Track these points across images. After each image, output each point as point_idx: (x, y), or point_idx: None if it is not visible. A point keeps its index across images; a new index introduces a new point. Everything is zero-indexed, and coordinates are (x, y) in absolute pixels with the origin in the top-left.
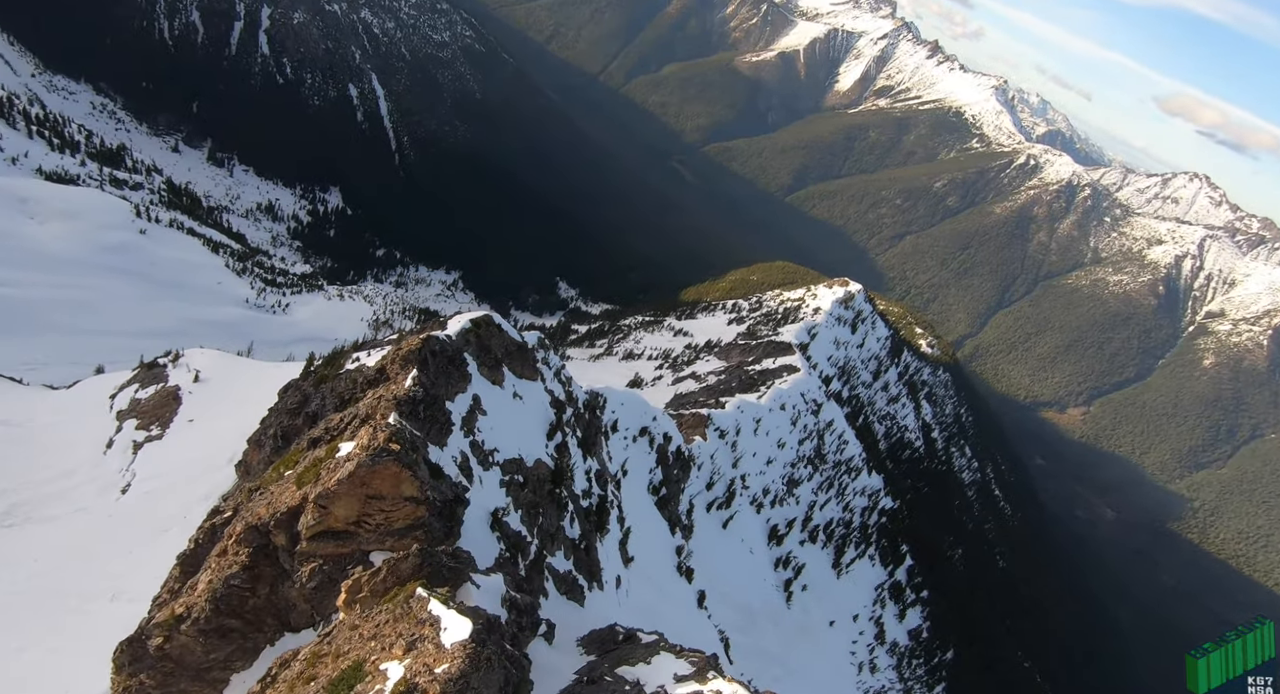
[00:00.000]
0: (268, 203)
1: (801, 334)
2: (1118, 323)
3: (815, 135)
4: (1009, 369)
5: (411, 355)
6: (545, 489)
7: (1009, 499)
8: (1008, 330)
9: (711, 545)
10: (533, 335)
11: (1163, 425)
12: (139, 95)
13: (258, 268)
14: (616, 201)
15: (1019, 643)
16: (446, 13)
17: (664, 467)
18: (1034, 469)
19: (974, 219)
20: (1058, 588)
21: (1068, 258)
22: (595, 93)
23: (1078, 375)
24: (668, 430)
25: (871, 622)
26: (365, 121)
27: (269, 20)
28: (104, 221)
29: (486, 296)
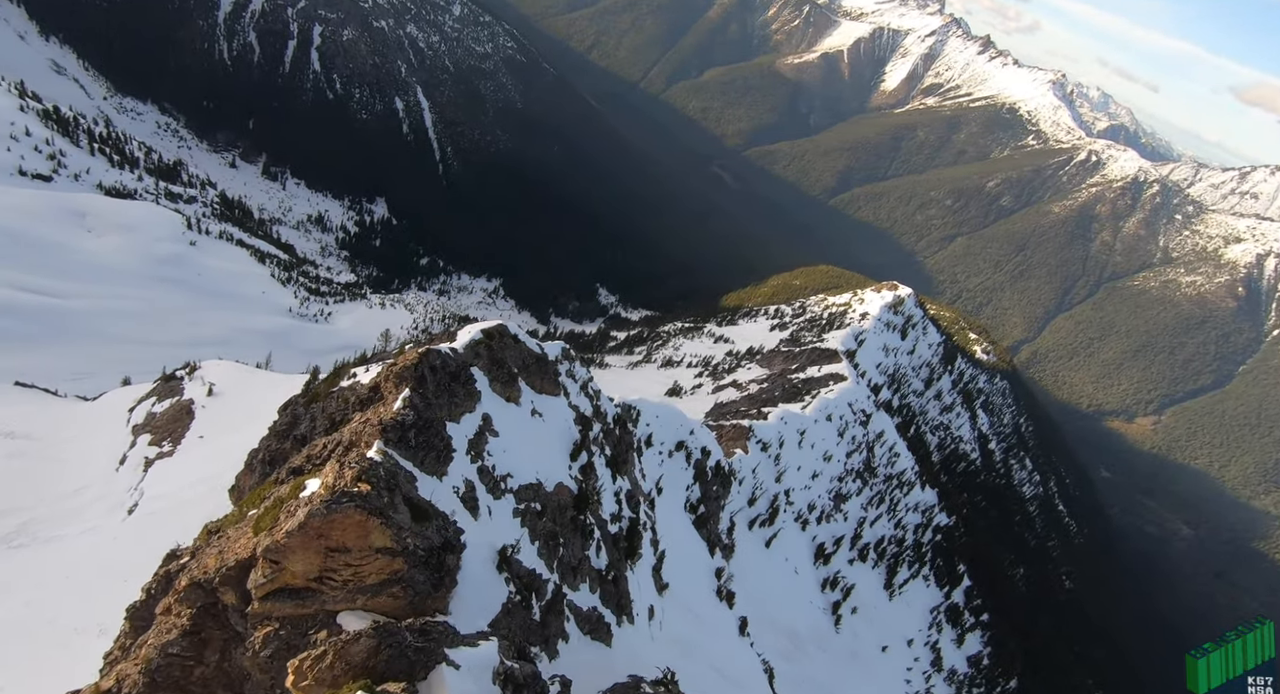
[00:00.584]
0: (317, 214)
1: (848, 340)
2: (1192, 326)
3: (860, 136)
4: (1070, 376)
5: (406, 372)
6: (567, 516)
7: (1074, 514)
8: (1068, 335)
9: (754, 566)
10: (555, 346)
11: (1244, 436)
12: (200, 114)
13: (302, 277)
14: (657, 207)
15: (1089, 671)
16: (489, 25)
17: (702, 483)
18: (1099, 482)
19: (1030, 219)
20: (1129, 611)
21: (1134, 258)
22: (636, 100)
23: (1147, 382)
24: (706, 444)
25: (927, 647)
26: (410, 133)
27: (320, 38)
28: (157, 234)
29: (527, 304)
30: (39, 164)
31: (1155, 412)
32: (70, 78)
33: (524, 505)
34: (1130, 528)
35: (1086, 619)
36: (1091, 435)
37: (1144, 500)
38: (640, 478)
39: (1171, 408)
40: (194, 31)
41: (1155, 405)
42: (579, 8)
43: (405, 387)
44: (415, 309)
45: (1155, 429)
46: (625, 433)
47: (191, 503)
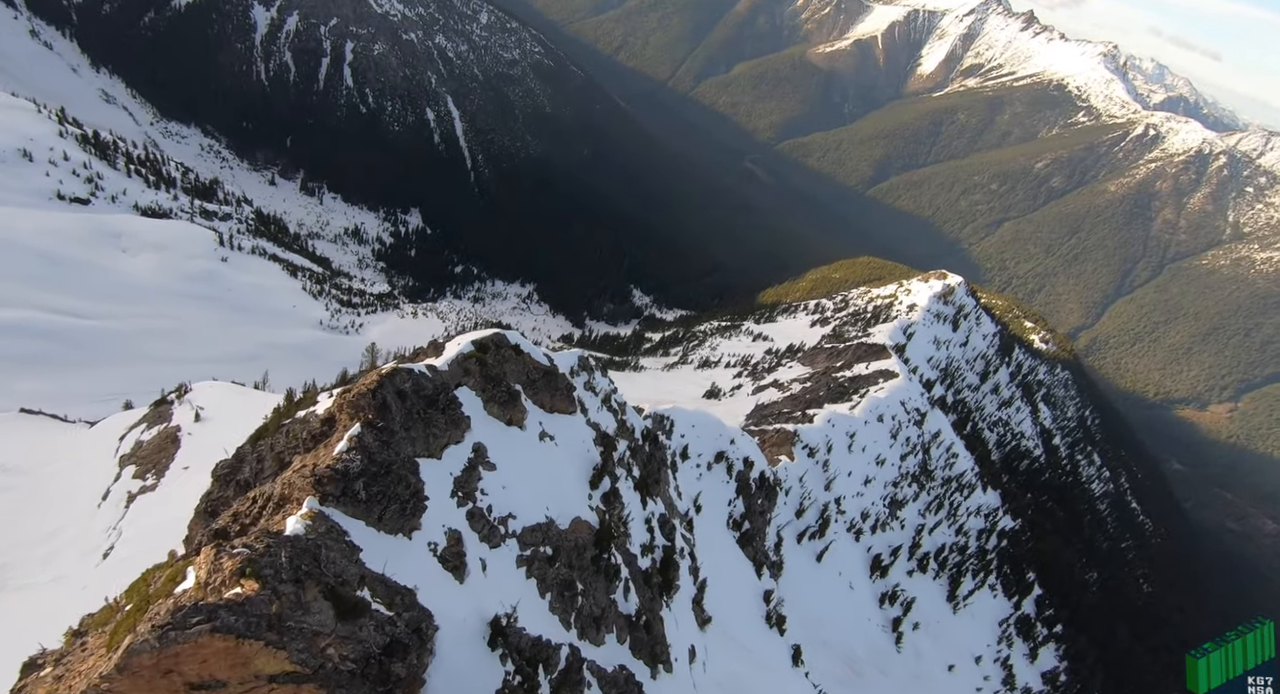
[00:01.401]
0: (354, 227)
1: (896, 334)
2: (1270, 306)
3: (897, 123)
4: (1133, 363)
5: (362, 401)
6: (587, 557)
7: (1148, 512)
8: (1130, 320)
9: (805, 583)
10: (569, 356)
11: None
12: (240, 134)
13: (334, 289)
14: (689, 206)
15: (1174, 681)
16: (516, 31)
17: (745, 496)
18: (1171, 475)
19: (1084, 199)
20: (1214, 615)
21: (1201, 236)
22: (665, 98)
23: (1220, 367)
24: (748, 454)
25: (997, 664)
26: (442, 143)
27: (352, 54)
28: (189, 251)
29: (561, 308)
30: (77, 187)
31: (1231, 398)
32: (119, 106)
33: (530, 552)
34: (1208, 524)
35: (1167, 625)
36: (1159, 425)
37: (1221, 493)
38: (676, 497)
39: (1249, 393)
40: (233, 55)
41: (1231, 392)
42: (605, 9)
43: (358, 419)
44: (447, 317)
45: (1231, 417)
46: (657, 449)
47: (169, 546)
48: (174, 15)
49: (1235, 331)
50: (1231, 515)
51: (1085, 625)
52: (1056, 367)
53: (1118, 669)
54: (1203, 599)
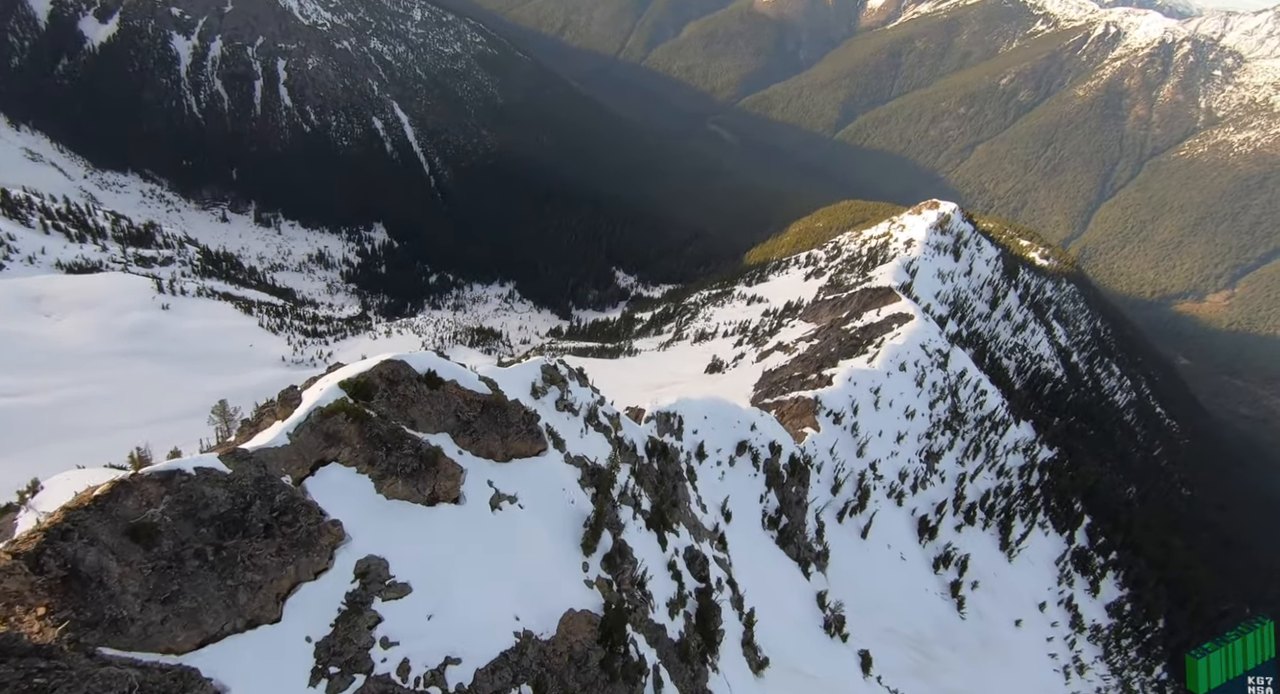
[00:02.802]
0: (317, 252)
1: (899, 273)
2: (1252, 187)
3: (855, 62)
4: (1125, 265)
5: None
6: (593, 663)
7: (1172, 414)
8: (1116, 223)
9: (855, 566)
10: (525, 371)
11: None
12: (182, 174)
13: (297, 320)
14: (659, 177)
15: (1235, 588)
16: (453, 24)
17: (778, 488)
18: (1180, 371)
19: (1054, 109)
20: (1254, 507)
21: (1176, 127)
22: (618, 72)
23: (1212, 256)
24: (774, 437)
25: (1062, 606)
26: (395, 151)
27: (286, 72)
28: (123, 304)
29: (545, 301)
30: None
31: (1227, 285)
32: (47, 163)
33: None
34: (1223, 413)
35: (1214, 528)
36: (1160, 323)
37: (1231, 381)
38: (700, 511)
39: (1245, 277)
40: (159, 91)
41: (1226, 279)
42: None
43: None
44: (425, 331)
45: (1230, 304)
46: (668, 461)
47: None
48: (89, 58)
49: (1222, 218)
50: (1244, 402)
51: (1139, 546)
52: (1061, 281)
53: (1179, 587)
54: (1237, 493)
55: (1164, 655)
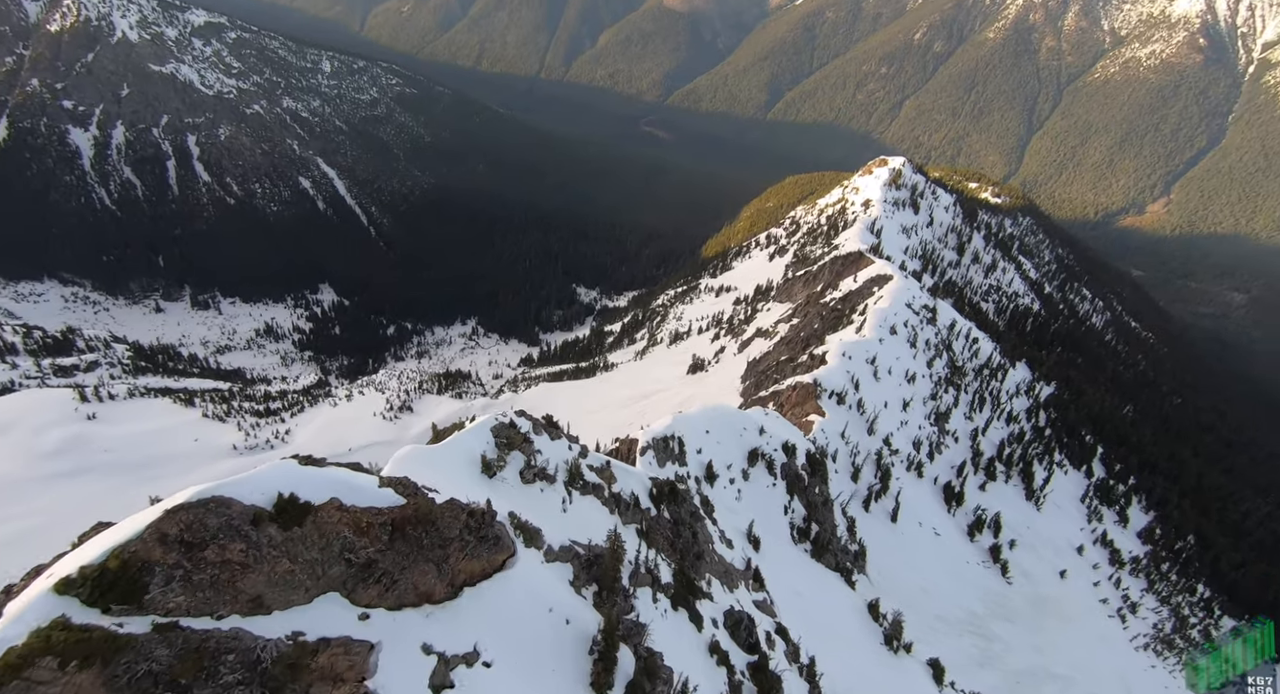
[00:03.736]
0: (264, 326)
1: (865, 236)
2: (1167, 97)
3: (772, 42)
4: (1066, 192)
5: None
6: None
7: (1146, 326)
8: (1049, 153)
9: (892, 554)
10: (471, 439)
11: (1259, 181)
12: (104, 272)
13: (248, 401)
14: (603, 187)
15: (1247, 485)
16: (366, 70)
17: (801, 493)
18: (1138, 283)
19: (969, 55)
20: (1246, 402)
21: (1086, 53)
22: (543, 90)
23: (1143, 168)
24: (785, 437)
25: (1098, 545)
26: (328, 207)
27: (198, 147)
28: (41, 422)
29: (510, 331)
30: None
31: (1162, 194)
32: None
33: None
34: (1186, 315)
35: (1213, 430)
36: (1109, 241)
37: (1186, 284)
38: (724, 548)
39: (1176, 183)
40: (65, 189)
41: (1160, 187)
42: (451, 25)
43: None
44: (387, 387)
45: (1169, 210)
46: (680, 505)
47: None
48: None
49: (1145, 131)
50: (1201, 301)
51: (1154, 465)
52: (1017, 216)
53: (1198, 497)
54: (1221, 389)
55: (1202, 572)
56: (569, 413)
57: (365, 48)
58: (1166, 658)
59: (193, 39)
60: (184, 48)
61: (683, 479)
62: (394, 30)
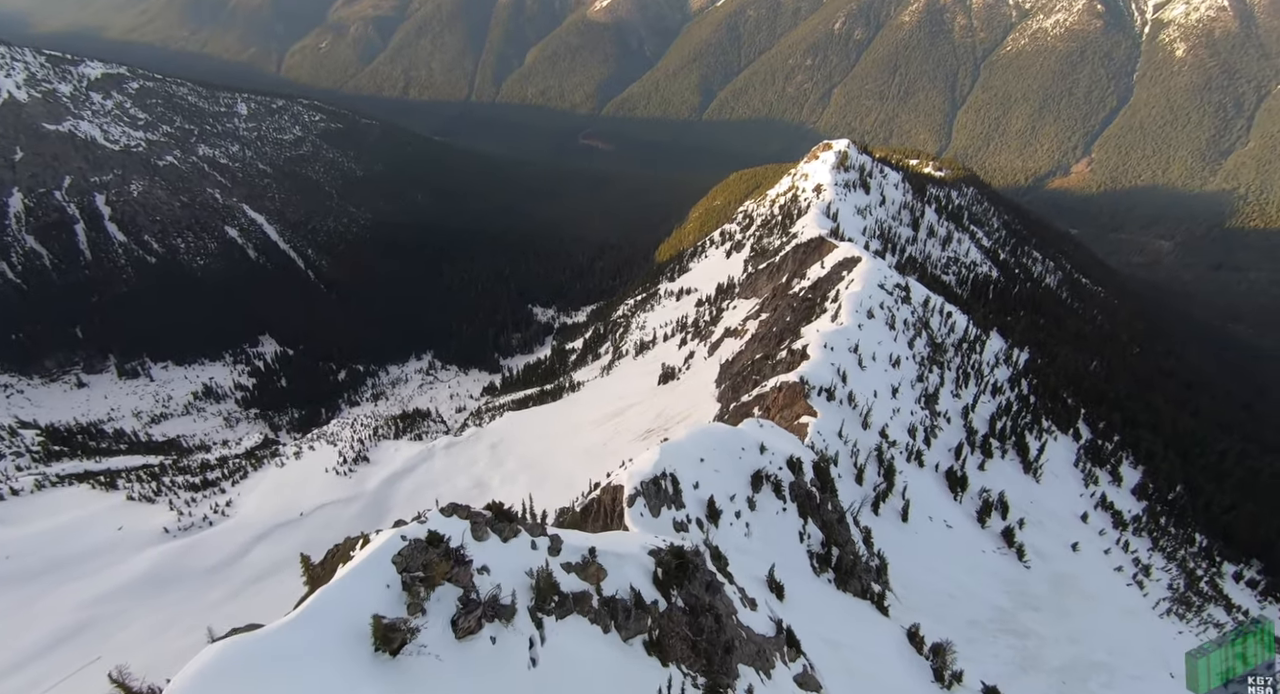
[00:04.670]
0: (202, 387)
1: (821, 221)
2: (1075, 62)
3: (699, 44)
4: (995, 161)
5: None
6: None
7: (1095, 282)
8: (975, 126)
9: (910, 559)
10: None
11: (1170, 133)
12: (14, 351)
13: (181, 475)
14: (547, 204)
15: (1213, 424)
16: (286, 109)
17: (813, 514)
18: (1076, 240)
19: (888, 39)
20: (1194, 347)
21: (996, 27)
22: (476, 114)
23: (1062, 132)
24: (790, 451)
25: (1100, 510)
26: (260, 255)
27: (109, 206)
28: None
29: (470, 361)
30: None
31: (1084, 154)
32: None
33: None
34: (1123, 267)
35: (1172, 376)
36: (1043, 204)
37: (1118, 236)
38: (749, 613)
39: (1096, 143)
40: None
41: (1081, 148)
42: (372, 57)
43: None
44: (340, 438)
45: (1092, 169)
46: (694, 580)
47: None
48: None
49: (1060, 96)
50: (1133, 251)
51: (1133, 418)
52: (961, 186)
53: (1177, 442)
54: (1171, 336)
55: (1198, 520)
56: (539, 441)
57: (285, 88)
58: (1190, 621)
59: (90, 93)
60: (81, 103)
61: (683, 525)
62: (313, 68)
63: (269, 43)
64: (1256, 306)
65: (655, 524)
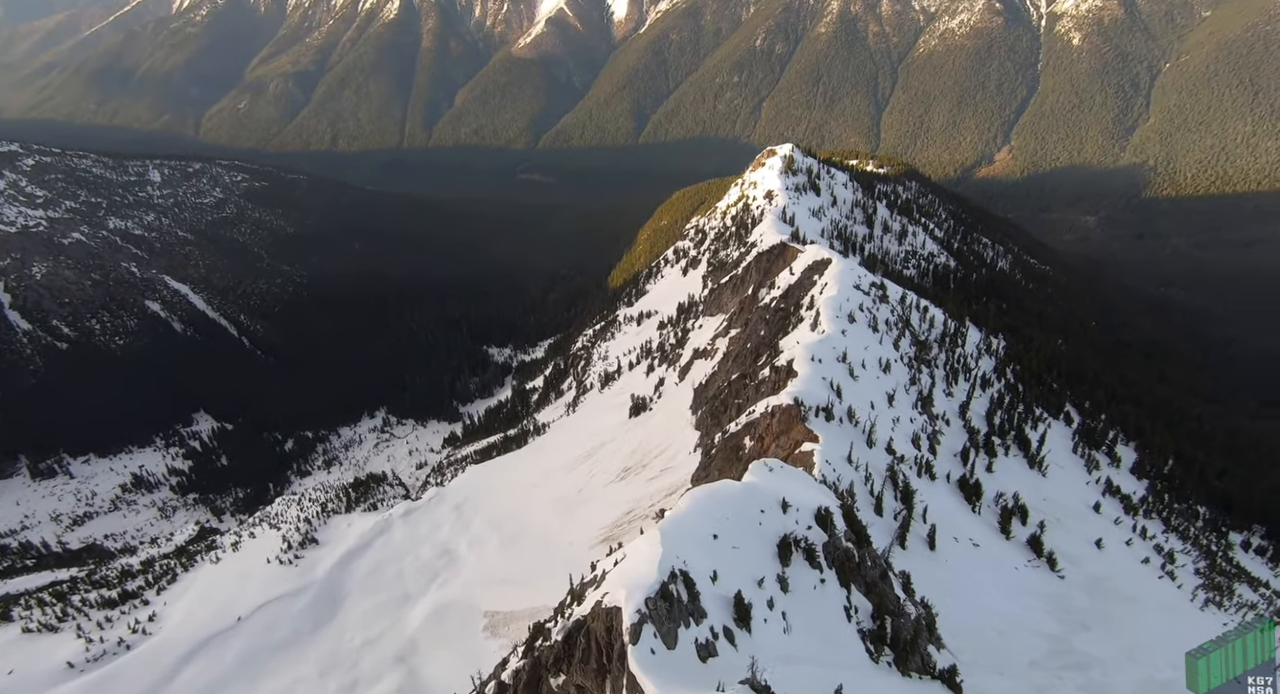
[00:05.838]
0: (131, 478)
1: (779, 226)
2: (983, 57)
3: (627, 72)
4: (923, 156)
5: None
6: None
7: (1043, 261)
8: (900, 125)
9: (950, 597)
10: None
11: (1078, 116)
12: None
13: (95, 589)
14: (492, 243)
15: (1182, 388)
16: (204, 171)
17: (858, 578)
18: (1014, 222)
19: (809, 51)
20: (1138, 314)
21: (907, 32)
22: (410, 160)
23: (981, 123)
24: (817, 502)
25: (1108, 496)
26: (187, 327)
27: (8, 293)
28: None
29: (427, 412)
30: None
31: (1005, 142)
32: None
33: None
34: (1058, 245)
35: (1132, 344)
36: (974, 192)
37: (1047, 216)
38: None
39: (1013, 131)
40: None
41: (1000, 138)
42: (296, 112)
43: None
44: (284, 519)
45: (1014, 155)
46: None
47: None
48: None
49: (974, 90)
50: (1065, 229)
51: (1113, 393)
52: (904, 181)
53: (1155, 412)
54: (1120, 307)
55: (1198, 491)
56: (507, 495)
57: (206, 151)
58: (1228, 609)
59: None
60: None
61: (709, 647)
62: (234, 129)
63: (184, 108)
64: (1183, 270)
65: (673, 661)
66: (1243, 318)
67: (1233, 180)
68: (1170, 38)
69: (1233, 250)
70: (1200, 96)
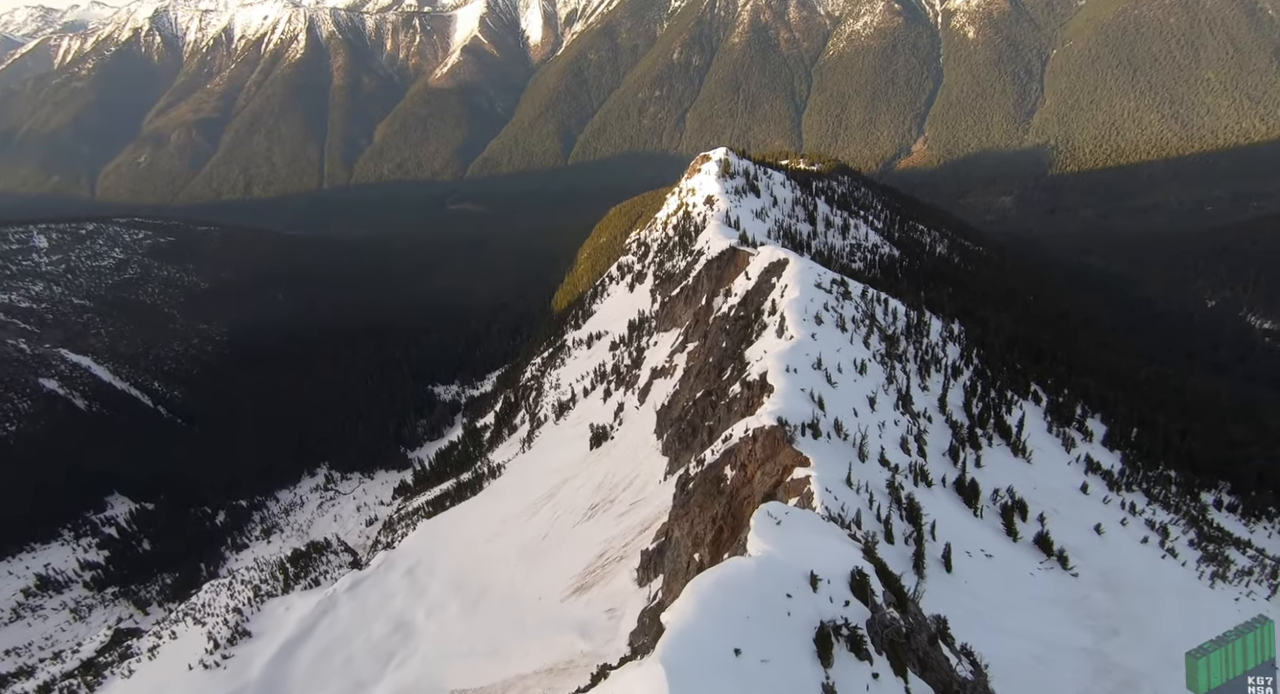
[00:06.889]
0: (36, 580)
1: (724, 231)
2: (890, 56)
3: (549, 94)
4: (845, 152)
5: None
6: None
7: (976, 243)
8: (820, 125)
9: (978, 626)
10: None
11: (982, 104)
12: None
13: None
14: (428, 277)
15: (1126, 359)
16: (99, 231)
17: (913, 658)
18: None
19: (725, 61)
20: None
21: (816, 36)
22: (333, 199)
23: (895, 118)
24: (848, 564)
25: (1091, 474)
26: (91, 402)
27: None
28: None
29: (375, 462)
30: None
31: (919, 134)
32: None
33: None
34: (982, 226)
35: (1068, 316)
36: (897, 184)
37: (968, 201)
38: None
39: (926, 122)
40: None
41: (914, 130)
42: (204, 161)
43: None
44: (211, 610)
45: (929, 145)
46: None
47: None
48: None
49: (885, 86)
50: (983, 211)
51: (1071, 365)
52: (837, 176)
53: (1113, 382)
54: (1049, 280)
55: (1165, 455)
56: (465, 550)
57: (105, 211)
58: (1231, 581)
59: None
60: None
61: None
62: (134, 185)
63: (76, 167)
64: (1097, 239)
65: None
66: (1153, 279)
67: (1125, 152)
68: (1053, 26)
69: (1135, 217)
70: (1087, 78)
